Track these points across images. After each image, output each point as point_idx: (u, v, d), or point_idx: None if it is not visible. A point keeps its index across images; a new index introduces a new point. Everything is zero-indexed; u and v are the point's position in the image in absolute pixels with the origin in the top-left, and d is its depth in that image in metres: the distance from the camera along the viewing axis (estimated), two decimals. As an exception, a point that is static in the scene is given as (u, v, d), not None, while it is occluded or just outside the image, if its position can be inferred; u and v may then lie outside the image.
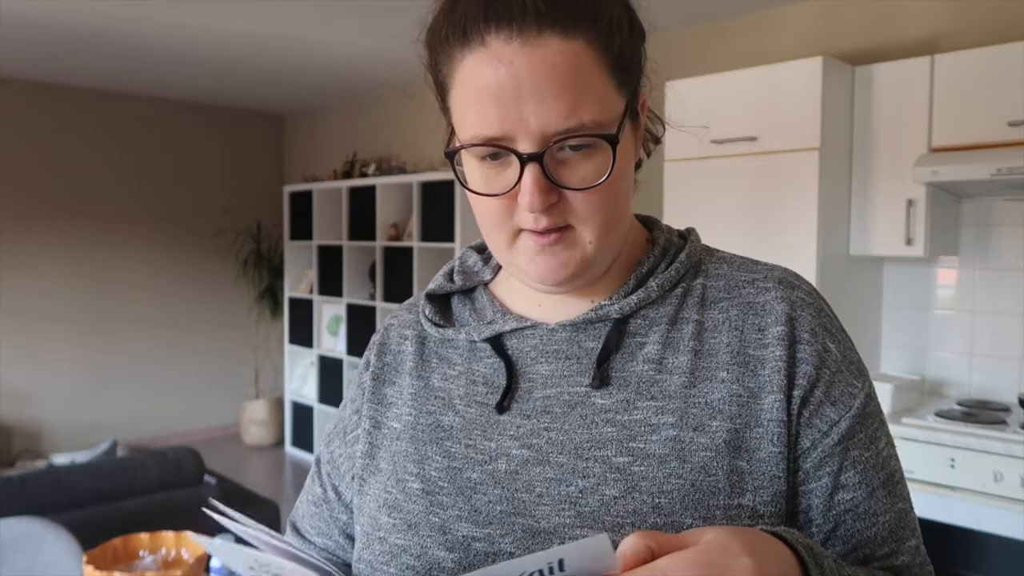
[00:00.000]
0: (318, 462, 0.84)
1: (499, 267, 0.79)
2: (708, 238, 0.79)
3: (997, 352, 2.90)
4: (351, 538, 0.80)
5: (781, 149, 2.84)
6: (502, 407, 0.71)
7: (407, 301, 0.86)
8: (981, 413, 2.63)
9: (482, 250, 0.83)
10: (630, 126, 0.66)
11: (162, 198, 5.74)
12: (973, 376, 2.95)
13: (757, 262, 0.75)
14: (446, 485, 0.70)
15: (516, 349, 0.73)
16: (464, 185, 0.66)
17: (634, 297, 0.70)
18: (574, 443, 0.67)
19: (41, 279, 5.26)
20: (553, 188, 0.62)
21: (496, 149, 0.61)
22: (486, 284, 0.79)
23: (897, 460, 0.73)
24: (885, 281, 3.14)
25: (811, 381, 0.67)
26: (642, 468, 0.65)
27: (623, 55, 0.63)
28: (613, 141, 0.61)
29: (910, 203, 2.75)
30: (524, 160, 0.60)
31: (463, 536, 0.67)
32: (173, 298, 5.83)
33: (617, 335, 0.70)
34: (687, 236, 0.77)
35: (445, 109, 0.67)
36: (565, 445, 0.67)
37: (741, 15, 3.55)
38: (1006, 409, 2.71)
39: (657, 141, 0.77)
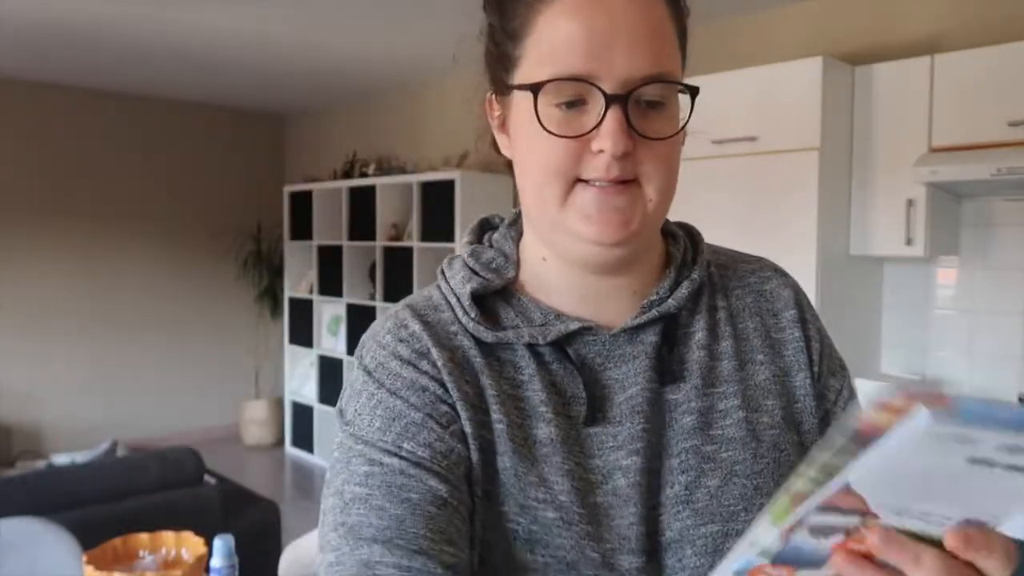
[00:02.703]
0: (399, 455, 0.63)
1: (518, 262, 0.73)
2: (708, 238, 0.80)
3: (997, 352, 2.89)
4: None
5: (781, 149, 2.84)
6: (588, 420, 0.67)
7: (416, 304, 0.72)
8: (981, 413, 2.63)
9: (491, 244, 0.76)
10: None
11: (162, 198, 5.74)
12: (973, 376, 2.95)
13: (744, 253, 0.80)
14: (584, 511, 0.63)
15: (578, 355, 0.68)
16: (542, 124, 0.62)
17: (683, 290, 0.71)
18: (666, 439, 0.68)
19: (41, 279, 5.26)
20: (631, 136, 0.62)
21: (580, 89, 0.61)
22: (513, 282, 0.72)
23: None
24: (885, 281, 3.14)
25: (819, 356, 0.74)
26: (730, 453, 0.67)
27: (684, 27, 0.67)
28: (694, 91, 0.64)
29: (910, 203, 2.75)
30: (609, 100, 0.61)
31: (625, 569, 0.62)
32: (173, 298, 5.83)
33: (673, 328, 0.71)
34: (689, 229, 0.79)
35: (505, 61, 0.66)
36: (659, 444, 0.68)
37: (741, 15, 3.55)
38: (1006, 409, 2.71)
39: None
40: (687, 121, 0.65)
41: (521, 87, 0.64)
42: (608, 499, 0.64)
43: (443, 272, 0.74)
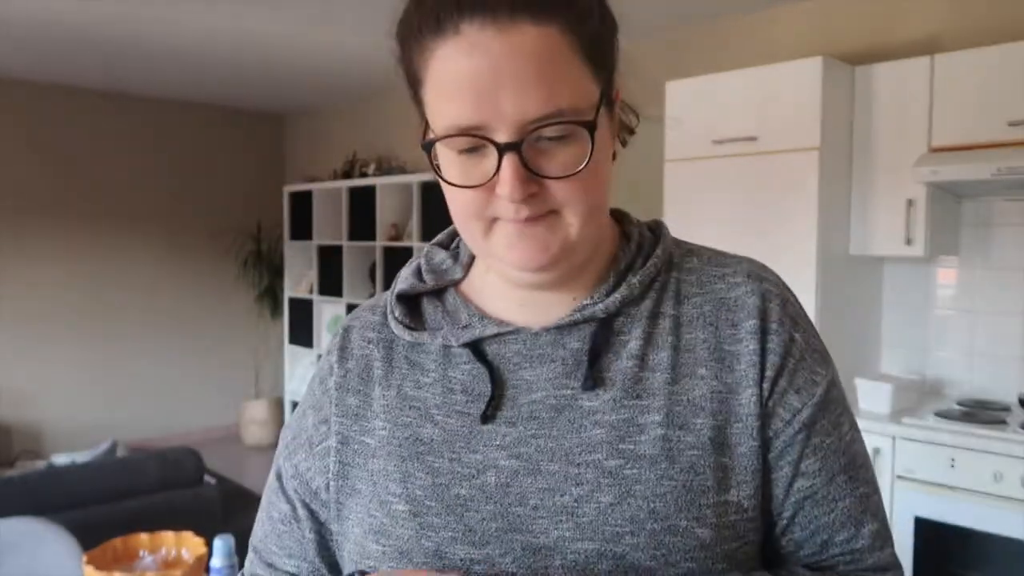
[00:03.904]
0: (280, 477, 0.77)
1: (469, 266, 0.76)
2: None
3: (997, 352, 2.89)
4: (328, 559, 0.74)
5: (781, 149, 2.84)
6: (486, 416, 0.68)
7: (368, 302, 0.81)
8: (981, 413, 2.63)
9: (447, 246, 0.80)
10: (606, 115, 0.64)
11: (162, 198, 5.74)
12: (973, 376, 2.95)
13: (725, 255, 0.75)
14: (434, 504, 0.66)
15: (497, 355, 0.70)
16: (440, 177, 0.65)
17: (617, 295, 0.69)
18: (564, 449, 0.66)
19: (41, 279, 5.26)
20: (532, 178, 0.60)
21: (473, 140, 0.60)
22: (456, 284, 0.76)
23: (861, 444, 0.73)
24: (885, 281, 3.14)
25: (777, 371, 0.67)
26: (634, 471, 0.64)
27: (596, 42, 0.62)
28: (591, 127, 0.60)
29: (910, 203, 2.75)
30: (502, 150, 0.59)
31: (460, 559, 0.65)
32: (173, 298, 5.83)
33: (603, 334, 0.69)
34: (657, 230, 0.76)
35: (419, 103, 0.66)
36: (555, 452, 0.66)
37: (741, 15, 3.55)
38: (1006, 409, 2.71)
39: (632, 132, 0.76)
40: (590, 157, 0.60)
41: (422, 143, 0.65)
42: (472, 492, 0.66)
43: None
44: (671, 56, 3.64)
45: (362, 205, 5.03)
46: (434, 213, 4.51)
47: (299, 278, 5.73)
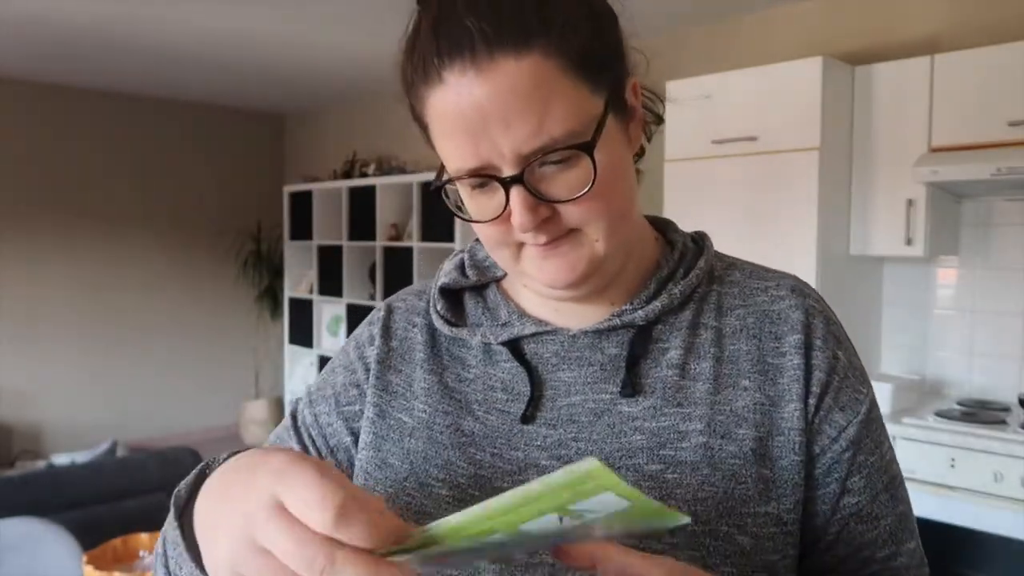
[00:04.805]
0: (294, 416, 0.78)
1: None
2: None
3: (997, 352, 2.89)
4: None
5: (781, 149, 2.84)
6: (527, 417, 0.69)
7: (414, 286, 0.82)
8: (981, 413, 2.63)
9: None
10: (617, 119, 0.64)
11: (162, 198, 5.74)
12: (973, 376, 2.95)
13: (768, 269, 0.75)
14: (478, 494, 0.67)
15: (535, 354, 0.71)
16: (459, 215, 0.67)
17: (657, 303, 0.69)
18: (604, 453, 0.66)
19: (41, 279, 5.26)
20: (542, 204, 0.61)
21: (480, 179, 0.61)
22: (498, 281, 0.77)
23: (897, 463, 0.73)
24: (885, 281, 3.14)
25: (823, 388, 0.68)
26: (675, 476, 0.64)
27: (588, 54, 0.60)
28: (588, 149, 0.59)
29: (910, 203, 2.75)
30: (506, 184, 0.60)
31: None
32: (173, 298, 5.83)
33: (641, 341, 0.69)
34: (700, 241, 0.76)
35: (431, 145, 0.66)
36: (595, 455, 0.66)
37: (741, 15, 3.55)
38: (1006, 409, 2.71)
39: (660, 120, 0.75)
40: (594, 177, 0.60)
41: (432, 186, 0.67)
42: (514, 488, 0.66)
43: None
44: (671, 56, 3.63)
45: (362, 205, 5.03)
46: (434, 213, 4.51)
47: (299, 278, 5.73)
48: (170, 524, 0.54)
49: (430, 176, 4.56)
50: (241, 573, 0.45)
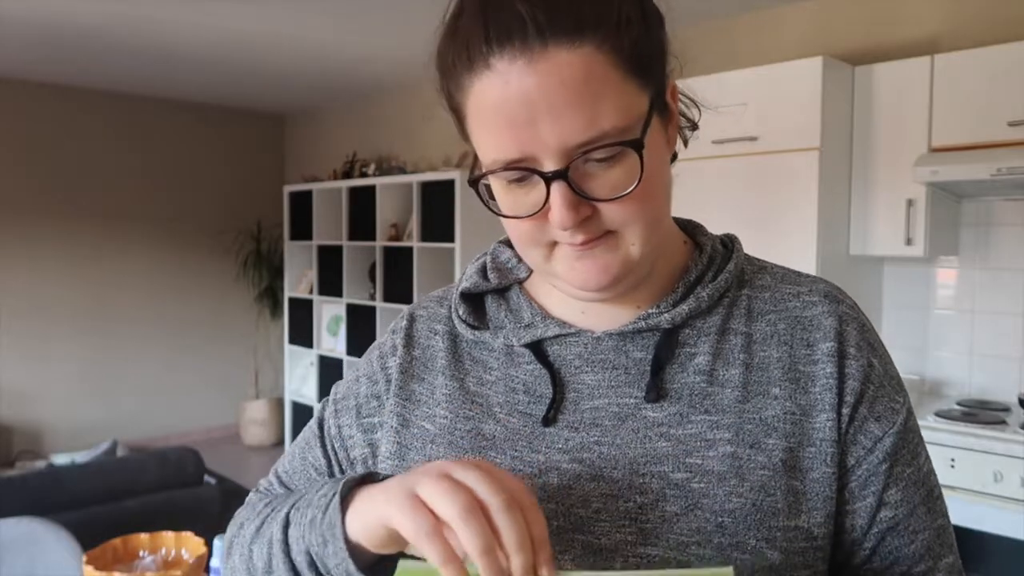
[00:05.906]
0: (322, 425, 0.79)
1: None
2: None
3: (997, 352, 2.89)
4: None
5: (781, 149, 2.84)
6: (548, 419, 0.67)
7: (435, 293, 0.81)
8: (981, 413, 2.63)
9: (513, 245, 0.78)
10: (659, 120, 0.62)
11: (162, 198, 5.74)
12: (973, 376, 2.95)
13: (800, 274, 0.73)
14: None
15: (558, 356, 0.70)
16: (492, 210, 0.64)
17: (684, 307, 0.67)
18: (628, 458, 0.65)
19: (41, 279, 5.26)
20: (583, 202, 0.59)
21: (520, 172, 0.59)
22: (521, 283, 0.76)
23: (935, 475, 0.72)
24: (885, 281, 3.14)
25: (857, 397, 0.66)
26: (702, 485, 0.63)
27: (639, 51, 0.59)
28: (638, 146, 0.58)
29: (910, 203, 2.75)
30: (549, 179, 0.58)
31: None
32: (173, 298, 5.83)
33: (667, 345, 0.67)
34: (729, 244, 0.75)
35: (464, 135, 0.64)
36: (619, 460, 0.65)
37: (741, 15, 3.55)
38: (1006, 409, 2.71)
39: (695, 127, 0.74)
40: (641, 175, 0.58)
41: (469, 179, 0.64)
42: (534, 491, 0.66)
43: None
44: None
45: (362, 205, 5.03)
46: (434, 213, 4.51)
47: (299, 278, 5.73)
48: (323, 508, 0.61)
49: (430, 176, 4.59)
50: (414, 486, 0.53)
